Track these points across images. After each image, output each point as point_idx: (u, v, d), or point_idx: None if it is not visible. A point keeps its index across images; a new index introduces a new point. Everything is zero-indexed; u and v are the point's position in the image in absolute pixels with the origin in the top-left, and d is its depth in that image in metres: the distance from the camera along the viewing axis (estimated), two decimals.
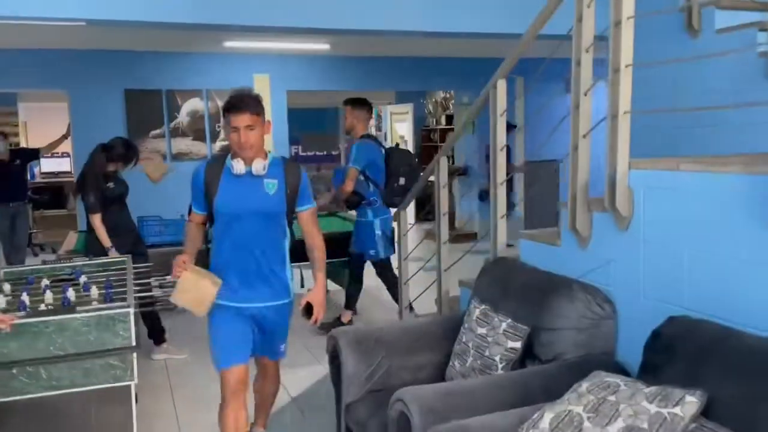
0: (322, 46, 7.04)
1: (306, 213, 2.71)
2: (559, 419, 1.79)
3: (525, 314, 2.48)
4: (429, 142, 11.43)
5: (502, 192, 3.10)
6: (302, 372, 4.20)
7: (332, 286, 6.10)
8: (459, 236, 8.62)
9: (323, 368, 4.20)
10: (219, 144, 7.72)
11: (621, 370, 2.28)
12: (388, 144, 10.20)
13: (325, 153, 14.26)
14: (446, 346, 2.80)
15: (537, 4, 2.76)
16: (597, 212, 2.46)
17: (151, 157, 4.63)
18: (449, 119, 10.73)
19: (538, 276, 2.64)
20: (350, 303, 4.97)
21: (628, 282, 2.33)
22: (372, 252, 4.71)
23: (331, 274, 5.71)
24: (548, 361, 2.39)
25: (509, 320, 2.48)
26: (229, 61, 7.63)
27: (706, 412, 1.68)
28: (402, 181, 4.66)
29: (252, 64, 7.75)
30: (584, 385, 1.89)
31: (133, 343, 2.66)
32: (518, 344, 2.41)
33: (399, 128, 11.80)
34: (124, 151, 4.27)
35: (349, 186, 4.51)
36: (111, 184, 4.22)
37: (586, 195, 2.47)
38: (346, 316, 4.94)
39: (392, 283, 4.72)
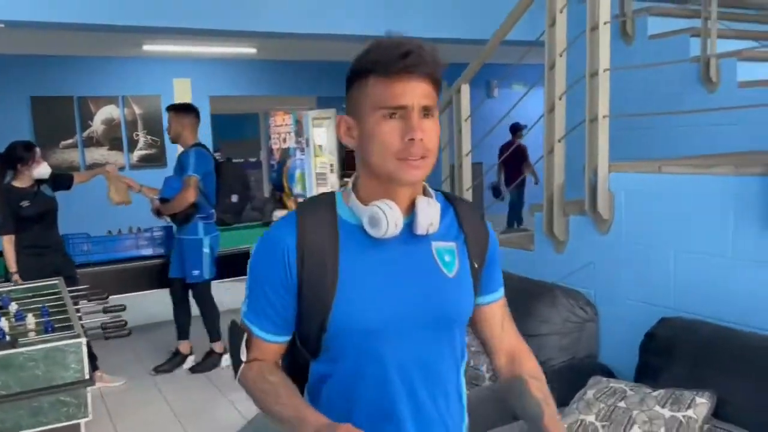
0: (248, 50, 6.82)
1: (499, 304, 1.33)
2: (573, 430, 1.76)
3: None
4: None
5: (468, 197, 3.07)
6: None
7: None
8: None
9: None
10: (138, 153, 7.31)
11: (607, 372, 2.29)
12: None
13: (243, 160, 13.91)
14: None
15: (483, 10, 2.75)
16: (574, 215, 2.46)
17: (116, 176, 4.24)
18: None
19: (516, 282, 2.61)
20: (215, 332, 4.32)
21: (610, 284, 2.35)
22: (196, 273, 4.14)
23: None
24: None
25: None
26: (148, 65, 7.24)
27: (715, 412, 1.70)
28: (235, 198, 4.23)
29: (172, 69, 7.40)
30: (589, 393, 1.87)
31: (87, 377, 2.41)
32: None
33: (318, 134, 11.65)
34: (23, 154, 3.82)
35: (192, 195, 3.96)
36: (26, 203, 3.82)
37: (563, 198, 2.48)
38: (218, 346, 4.31)
39: (211, 311, 4.27)
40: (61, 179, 4.09)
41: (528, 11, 2.65)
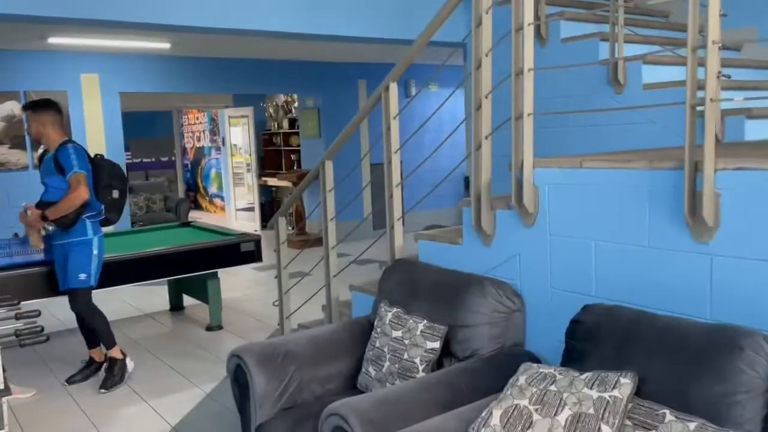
0: (161, 45, 6.59)
1: None
2: (509, 414, 1.83)
3: (439, 314, 2.51)
4: (271, 146, 11.22)
5: (398, 194, 3.12)
6: (177, 397, 3.88)
7: (190, 300, 5.76)
8: (309, 240, 8.59)
9: (200, 391, 3.93)
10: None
11: (534, 359, 2.40)
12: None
13: (154, 159, 13.42)
14: (355, 354, 2.74)
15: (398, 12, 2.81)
16: (501, 210, 2.55)
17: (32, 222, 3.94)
18: (292, 123, 10.62)
19: (445, 275, 2.69)
20: (109, 338, 4.10)
21: (535, 275, 2.46)
22: (83, 276, 3.88)
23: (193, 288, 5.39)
24: (466, 357, 2.44)
25: (425, 321, 2.49)
26: (53, 59, 6.87)
27: (638, 391, 1.81)
28: (116, 194, 4.05)
29: (80, 63, 7.06)
30: (521, 379, 1.95)
31: (2, 386, 2.27)
32: (437, 344, 2.43)
33: (234, 133, 11.43)
34: None
35: (85, 192, 3.73)
36: None
37: (490, 194, 2.56)
38: (116, 351, 4.12)
39: (100, 317, 4.02)
40: None
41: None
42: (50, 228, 3.82)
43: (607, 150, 2.98)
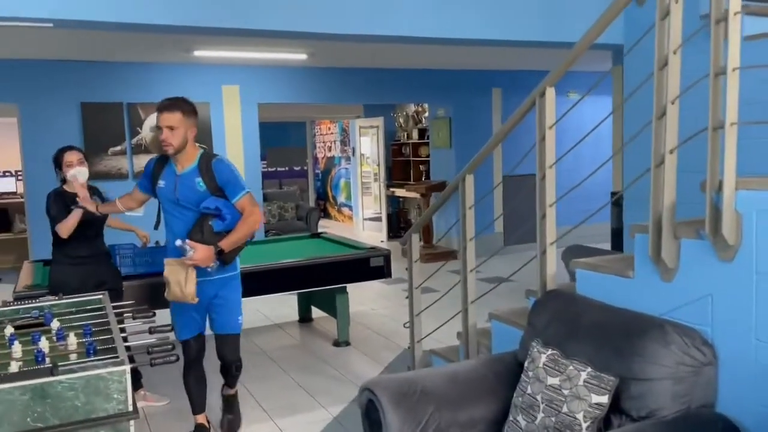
0: (299, 56, 6.61)
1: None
2: None
3: (606, 361, 2.11)
4: (400, 156, 11.10)
5: (551, 214, 2.74)
6: (304, 417, 3.73)
7: (318, 312, 5.67)
8: (437, 254, 8.30)
9: (326, 414, 3.75)
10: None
11: (730, 426, 1.94)
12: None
13: (287, 168, 13.78)
14: (500, 397, 2.41)
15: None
16: (687, 239, 2.11)
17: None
18: (421, 133, 10.43)
19: (613, 314, 2.28)
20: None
21: (734, 322, 1.99)
22: (241, 319, 3.34)
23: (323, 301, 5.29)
24: (641, 417, 2.02)
25: (589, 369, 2.10)
26: (197, 71, 7.12)
27: None
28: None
29: (221, 75, 7.27)
30: None
31: (130, 408, 2.16)
32: (605, 399, 2.03)
33: (363, 143, 11.44)
34: (56, 157, 3.73)
35: (260, 215, 3.22)
36: (73, 207, 3.66)
37: (673, 219, 2.13)
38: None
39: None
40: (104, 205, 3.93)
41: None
42: (215, 265, 3.12)
43: None
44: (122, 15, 3.42)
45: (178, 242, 3.00)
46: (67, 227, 3.58)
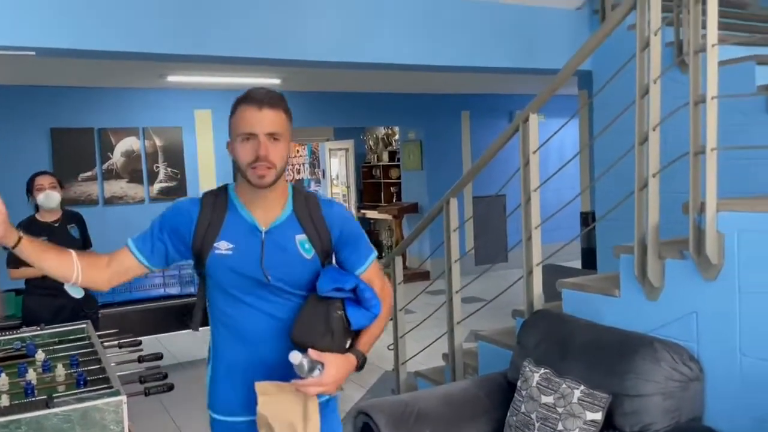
0: (272, 80, 6.65)
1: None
2: None
3: (599, 379, 2.18)
4: (371, 178, 11.17)
5: (537, 236, 2.82)
6: None
7: None
8: (410, 275, 8.36)
9: None
10: (158, 186, 7.11)
11: None
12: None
13: None
14: (494, 417, 2.45)
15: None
16: (672, 260, 2.21)
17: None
18: (392, 155, 10.53)
19: (602, 332, 2.35)
20: None
21: (718, 338, 2.08)
22: None
23: None
24: None
25: (582, 386, 2.16)
26: (169, 96, 7.10)
27: None
28: None
29: (193, 100, 7.25)
30: None
31: None
32: (599, 415, 2.10)
33: (332, 164, 11.49)
34: (28, 183, 3.69)
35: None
36: (42, 238, 3.59)
37: (658, 240, 2.23)
38: None
39: None
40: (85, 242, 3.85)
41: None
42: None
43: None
44: (100, 43, 3.42)
45: (297, 357, 1.59)
46: (17, 275, 3.49)
